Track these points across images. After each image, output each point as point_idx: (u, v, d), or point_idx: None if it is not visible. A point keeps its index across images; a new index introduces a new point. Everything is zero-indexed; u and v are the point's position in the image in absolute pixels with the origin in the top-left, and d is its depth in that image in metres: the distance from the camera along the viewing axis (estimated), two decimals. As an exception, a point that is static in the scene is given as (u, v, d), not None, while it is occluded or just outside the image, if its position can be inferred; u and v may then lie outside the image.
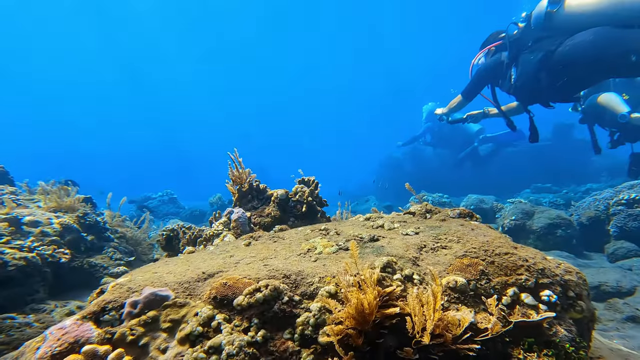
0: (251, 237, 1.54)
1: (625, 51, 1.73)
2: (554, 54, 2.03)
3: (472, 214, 1.41)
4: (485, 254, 1.04)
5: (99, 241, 2.36)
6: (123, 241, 2.72)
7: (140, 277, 1.13)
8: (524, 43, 2.27)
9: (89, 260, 2.13)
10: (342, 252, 1.25)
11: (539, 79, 2.17)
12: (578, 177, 8.04)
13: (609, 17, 1.81)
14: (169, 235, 1.69)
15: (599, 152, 3.19)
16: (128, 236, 2.74)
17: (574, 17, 1.95)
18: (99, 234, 2.38)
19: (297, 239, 1.47)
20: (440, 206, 6.04)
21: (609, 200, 4.01)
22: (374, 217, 1.65)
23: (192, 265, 1.24)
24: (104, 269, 2.26)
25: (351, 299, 0.84)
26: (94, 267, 2.17)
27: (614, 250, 3.49)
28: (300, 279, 1.07)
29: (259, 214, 1.81)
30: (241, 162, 1.81)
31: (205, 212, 8.63)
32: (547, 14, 2.04)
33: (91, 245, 2.27)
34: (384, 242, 1.30)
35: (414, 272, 1.04)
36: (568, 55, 1.96)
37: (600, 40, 1.82)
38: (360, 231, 1.44)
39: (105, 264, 2.27)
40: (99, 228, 2.36)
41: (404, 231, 1.36)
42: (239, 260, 1.27)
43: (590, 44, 1.86)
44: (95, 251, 2.29)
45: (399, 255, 1.14)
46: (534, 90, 2.27)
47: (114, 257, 2.38)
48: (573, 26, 1.98)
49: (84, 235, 2.18)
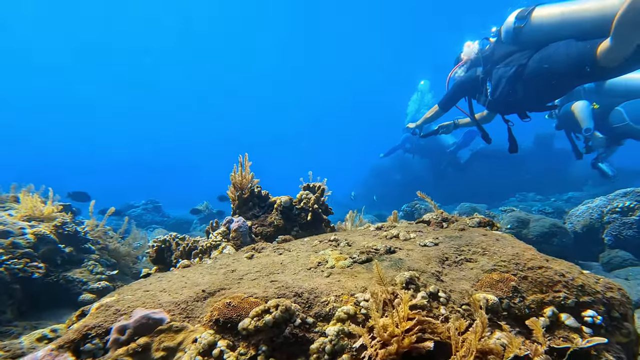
0: (253, 249, 1.45)
1: (580, 62, 1.88)
2: (525, 67, 2.19)
3: (493, 222, 1.37)
4: (517, 268, 0.99)
5: (78, 253, 2.19)
6: (105, 253, 2.55)
7: (130, 296, 1.01)
8: (496, 58, 2.43)
9: (65, 275, 1.96)
10: (357, 266, 1.17)
11: (514, 92, 2.32)
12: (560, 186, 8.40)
13: (572, 30, 1.97)
14: (160, 247, 1.57)
15: (580, 157, 3.33)
16: (111, 248, 2.57)
17: (541, 31, 2.11)
18: (79, 245, 2.21)
19: (305, 251, 1.39)
20: None
21: (602, 208, 4.09)
22: (386, 227, 1.58)
23: (189, 281, 1.13)
24: (83, 284, 2.09)
25: (380, 327, 0.76)
26: (72, 283, 2.00)
27: (609, 259, 3.52)
28: (314, 297, 0.99)
29: (261, 223, 1.72)
30: (247, 167, 1.73)
31: (191, 221, 8.47)
32: (515, 30, 2.19)
33: (69, 257, 2.10)
34: (401, 254, 1.23)
35: (439, 288, 0.97)
36: (537, 69, 2.13)
37: (560, 54, 1.99)
38: (374, 242, 1.37)
39: (84, 279, 2.09)
40: (79, 239, 2.20)
41: (422, 242, 1.30)
42: (242, 275, 1.17)
43: (554, 57, 2.03)
44: (73, 264, 2.12)
45: (420, 270, 1.08)
46: (509, 102, 2.41)
47: (95, 271, 2.21)
48: (540, 39, 2.14)
49: (61, 246, 2.02)
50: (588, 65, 1.85)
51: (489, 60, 2.48)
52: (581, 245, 4.01)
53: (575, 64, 1.91)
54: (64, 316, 1.77)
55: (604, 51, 1.75)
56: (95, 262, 2.27)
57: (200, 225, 8.10)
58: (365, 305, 0.91)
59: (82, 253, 2.24)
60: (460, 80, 2.70)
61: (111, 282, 2.25)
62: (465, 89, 2.68)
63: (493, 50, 2.46)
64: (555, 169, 8.57)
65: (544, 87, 2.18)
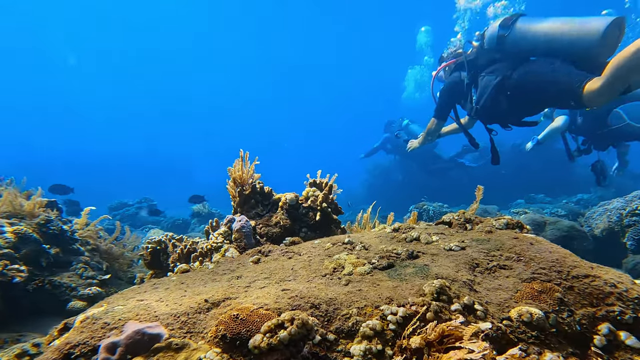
0: (260, 252, 1.34)
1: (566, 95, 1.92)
2: (510, 79, 2.21)
3: (522, 224, 1.29)
4: (559, 276, 0.90)
5: (65, 255, 2.06)
6: (96, 255, 2.42)
7: (121, 306, 0.90)
8: (481, 63, 2.46)
9: (52, 279, 1.83)
10: (378, 273, 1.07)
11: (497, 102, 2.34)
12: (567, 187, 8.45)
13: (553, 47, 2.02)
14: (155, 249, 1.46)
15: (572, 159, 3.44)
16: (102, 249, 2.44)
17: (524, 42, 2.14)
18: (66, 246, 2.08)
19: (317, 255, 1.28)
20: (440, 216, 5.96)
21: (621, 210, 4.01)
22: (403, 228, 1.49)
23: (190, 289, 1.02)
24: (72, 289, 1.96)
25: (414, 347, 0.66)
26: (59, 288, 1.88)
27: (634, 266, 3.43)
28: (333, 309, 0.89)
29: (265, 222, 1.61)
30: (247, 161, 1.62)
31: (188, 222, 8.34)
32: (499, 37, 2.24)
33: (55, 259, 1.97)
34: (426, 259, 1.14)
35: (475, 300, 0.87)
36: (521, 84, 2.16)
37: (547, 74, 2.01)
38: (393, 245, 1.27)
39: (73, 284, 1.97)
40: (66, 239, 2.07)
41: (447, 245, 1.21)
42: (250, 282, 1.07)
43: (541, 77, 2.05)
44: (60, 267, 1.99)
45: (450, 278, 0.98)
46: (493, 112, 2.44)
47: (85, 275, 2.09)
48: (522, 51, 2.19)
49: (45, 247, 1.89)
50: (572, 100, 1.88)
51: (473, 65, 2.49)
52: (602, 250, 3.93)
53: (561, 94, 1.93)
54: (50, 327, 1.65)
55: (591, 93, 1.77)
56: (86, 265, 2.15)
57: (199, 225, 7.96)
58: (394, 319, 0.82)
59: (71, 255, 2.11)
60: (447, 85, 2.71)
61: (103, 288, 2.13)
62: (453, 93, 2.67)
63: (477, 55, 2.48)
64: (561, 170, 8.59)
65: (526, 103, 2.22)
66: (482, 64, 2.42)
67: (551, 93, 2.00)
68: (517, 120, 2.48)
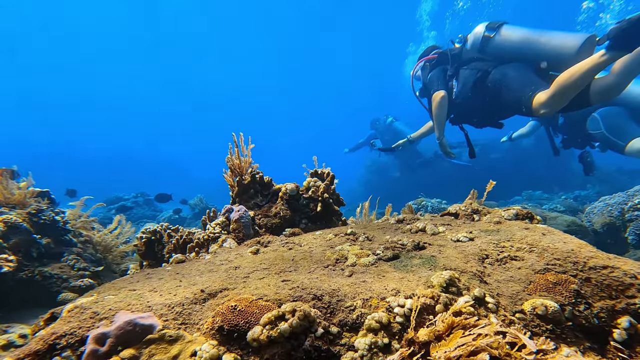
0: (258, 243, 1.30)
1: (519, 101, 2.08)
2: (489, 75, 2.35)
3: (532, 214, 1.25)
4: (575, 267, 0.86)
5: (57, 246, 2.02)
6: (89, 246, 2.38)
7: (112, 296, 0.86)
8: (463, 59, 2.59)
9: (42, 270, 1.79)
10: (383, 264, 1.04)
11: (474, 97, 2.46)
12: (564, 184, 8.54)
13: (532, 55, 2.17)
14: (149, 239, 1.41)
15: (557, 153, 3.54)
16: (95, 240, 2.40)
17: (506, 45, 2.30)
18: (58, 237, 2.03)
19: (319, 246, 1.25)
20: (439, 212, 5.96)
21: (622, 205, 4.00)
22: (408, 219, 1.45)
23: (186, 280, 0.98)
24: (63, 281, 1.92)
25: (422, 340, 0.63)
26: (50, 279, 1.84)
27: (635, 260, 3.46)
28: (337, 301, 0.85)
29: (265, 213, 1.56)
30: (244, 148, 1.56)
31: (185, 216, 8.32)
32: (484, 38, 2.38)
33: (46, 250, 1.93)
34: (432, 250, 1.10)
35: (485, 292, 0.84)
36: (496, 82, 2.29)
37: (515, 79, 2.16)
38: (398, 236, 1.24)
39: (64, 275, 1.93)
40: (58, 229, 2.02)
41: (454, 236, 1.17)
42: (248, 273, 1.03)
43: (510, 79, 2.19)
44: (52, 258, 1.95)
45: (459, 269, 0.94)
46: (471, 105, 2.55)
47: (77, 266, 2.05)
48: (504, 53, 2.33)
49: (36, 237, 1.84)
50: (524, 107, 2.05)
51: (457, 59, 2.60)
52: (602, 245, 3.95)
53: (516, 101, 2.10)
54: (41, 316, 1.62)
55: (538, 104, 1.95)
56: (78, 256, 2.11)
57: (195, 220, 7.93)
58: (401, 312, 0.78)
59: (63, 246, 2.06)
60: (435, 72, 2.77)
61: (96, 280, 2.09)
62: (440, 79, 2.72)
63: (461, 51, 2.61)
64: (558, 167, 8.67)
65: (496, 102, 2.33)
66: (465, 60, 2.55)
67: (509, 98, 2.15)
68: (490, 117, 2.57)
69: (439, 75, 2.70)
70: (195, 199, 8.41)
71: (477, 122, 2.71)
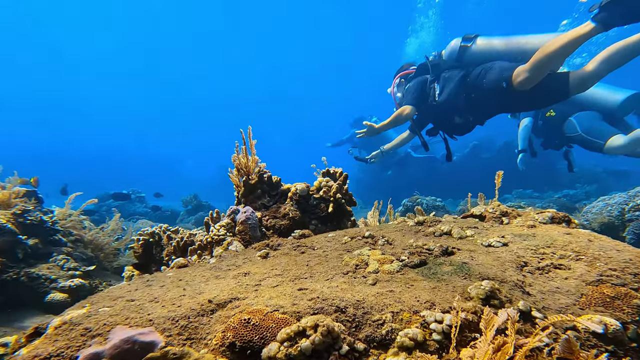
0: (267, 246, 1.23)
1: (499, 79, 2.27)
2: (469, 74, 2.54)
3: (570, 218, 1.18)
4: (637, 280, 0.79)
5: (45, 246, 1.94)
6: (80, 245, 2.30)
7: (108, 308, 0.79)
8: (442, 68, 2.80)
9: (29, 272, 1.72)
10: (410, 271, 0.97)
11: (456, 97, 2.62)
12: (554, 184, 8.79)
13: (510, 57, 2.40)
14: (147, 241, 1.34)
15: (534, 155, 3.87)
16: (87, 239, 2.32)
17: (484, 52, 2.54)
18: (46, 237, 1.96)
19: (335, 250, 1.18)
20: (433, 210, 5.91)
21: (623, 205, 4.01)
22: (429, 221, 1.38)
23: (190, 287, 0.91)
24: (52, 281, 1.85)
25: None
26: (37, 280, 1.77)
27: None
28: (362, 314, 0.78)
29: (272, 214, 1.49)
30: (253, 146, 1.48)
31: (177, 213, 8.33)
32: (461, 48, 2.61)
33: (34, 251, 1.85)
34: (462, 256, 1.03)
35: (531, 305, 0.77)
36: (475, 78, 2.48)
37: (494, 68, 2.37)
38: (422, 240, 1.17)
39: (53, 276, 1.86)
40: (46, 229, 1.94)
41: (484, 241, 1.10)
42: (260, 280, 0.96)
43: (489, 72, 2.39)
44: (39, 259, 1.88)
45: (497, 278, 0.88)
46: (453, 106, 2.68)
47: (67, 266, 1.98)
48: (480, 60, 2.55)
49: (22, 238, 1.77)
50: (505, 82, 2.22)
51: (437, 68, 2.81)
52: None
53: (496, 80, 2.29)
54: (26, 321, 1.55)
55: (519, 72, 2.15)
56: (68, 256, 2.04)
57: (188, 217, 7.87)
58: (439, 328, 0.71)
59: (51, 246, 1.99)
60: (415, 82, 2.93)
61: (87, 280, 2.02)
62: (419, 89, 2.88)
63: (439, 62, 2.81)
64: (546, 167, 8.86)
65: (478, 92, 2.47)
66: (444, 68, 2.77)
67: (490, 81, 2.31)
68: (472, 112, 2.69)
69: (415, 87, 2.89)
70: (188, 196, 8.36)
71: (458, 125, 2.84)
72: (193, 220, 7.39)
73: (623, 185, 8.81)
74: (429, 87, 2.81)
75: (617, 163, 8.75)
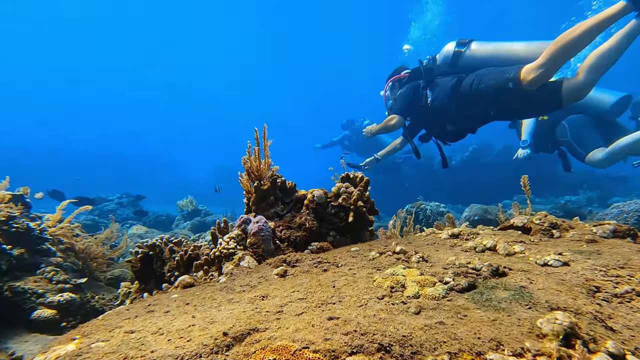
0: (284, 262, 1.12)
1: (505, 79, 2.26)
2: (463, 80, 2.56)
3: (635, 231, 1.06)
4: None
5: (32, 256, 1.84)
6: (71, 255, 2.20)
7: (102, 343, 0.68)
8: (436, 73, 2.83)
9: (13, 285, 1.61)
10: (458, 297, 0.85)
11: (449, 103, 2.64)
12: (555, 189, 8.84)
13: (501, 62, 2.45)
14: (146, 254, 1.23)
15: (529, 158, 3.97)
16: (78, 248, 2.22)
17: (477, 58, 2.59)
18: (33, 246, 1.86)
19: (362, 268, 1.06)
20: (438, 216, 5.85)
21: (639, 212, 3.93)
22: (465, 234, 1.26)
23: (200, 314, 0.80)
24: (38, 296, 1.75)
25: None
26: (22, 294, 1.66)
27: None
28: (411, 354, 0.66)
29: (287, 224, 1.38)
30: (267, 147, 1.38)
31: (173, 218, 8.24)
32: (455, 53, 2.66)
33: (19, 262, 1.75)
34: (517, 278, 0.91)
35: (623, 348, 0.65)
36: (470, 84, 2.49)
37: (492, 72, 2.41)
38: (464, 257, 1.05)
39: (39, 289, 1.75)
40: (33, 238, 1.84)
41: (538, 259, 0.99)
42: (281, 305, 0.85)
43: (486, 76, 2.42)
44: (26, 271, 1.77)
45: (570, 308, 0.76)
46: (446, 113, 2.71)
47: (55, 279, 1.87)
48: (475, 66, 2.59)
49: (5, 248, 1.66)
50: (511, 82, 2.20)
51: (429, 72, 2.82)
52: None
53: (498, 82, 2.29)
54: (9, 341, 1.44)
55: (529, 69, 2.12)
56: (57, 267, 1.93)
57: (184, 222, 7.77)
58: (514, 375, 0.59)
59: (39, 256, 1.89)
60: (407, 88, 2.96)
61: (78, 294, 1.91)
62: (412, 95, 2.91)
63: (432, 67, 2.83)
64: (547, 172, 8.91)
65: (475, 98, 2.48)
66: (438, 73, 2.80)
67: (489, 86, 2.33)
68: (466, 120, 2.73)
69: (407, 94, 2.92)
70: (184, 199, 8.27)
71: (450, 132, 2.88)
72: (189, 225, 7.28)
73: (623, 190, 8.99)
74: (421, 93, 2.84)
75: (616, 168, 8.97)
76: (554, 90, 2.14)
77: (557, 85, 2.14)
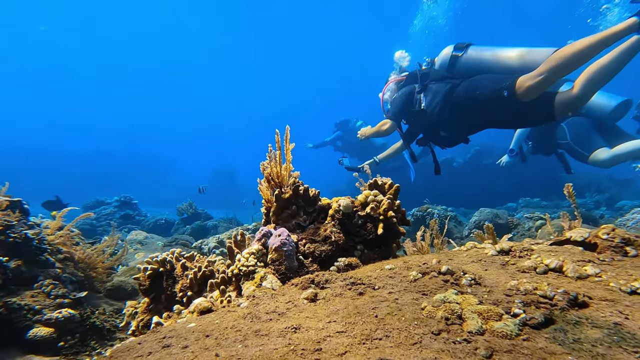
0: (312, 283, 1.01)
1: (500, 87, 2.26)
2: (458, 87, 2.57)
3: None
4: None
5: (29, 268, 1.76)
6: (70, 265, 2.12)
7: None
8: (432, 78, 2.86)
9: (9, 302, 1.53)
10: (536, 335, 0.72)
11: (443, 110, 2.66)
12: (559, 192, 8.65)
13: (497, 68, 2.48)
14: (156, 271, 1.13)
15: (524, 160, 4.19)
16: (78, 257, 2.14)
17: (473, 63, 2.62)
18: (31, 257, 1.79)
19: (405, 291, 0.94)
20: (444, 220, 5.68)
21: None
22: (518, 250, 1.14)
23: (224, 352, 0.69)
24: (36, 312, 1.66)
25: None
26: (17, 311, 1.57)
27: None
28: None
29: (310, 237, 1.27)
30: (289, 151, 1.28)
31: (172, 222, 8.20)
32: (452, 57, 2.70)
33: (16, 275, 1.67)
34: (605, 311, 0.78)
35: None
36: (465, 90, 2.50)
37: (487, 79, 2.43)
38: (528, 281, 0.92)
39: (37, 306, 1.67)
40: (32, 248, 1.77)
41: (623, 285, 0.85)
42: (318, 341, 0.73)
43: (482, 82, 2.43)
44: (22, 284, 1.70)
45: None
46: (439, 120, 2.73)
47: (54, 293, 1.79)
48: (471, 71, 2.62)
49: (2, 260, 1.59)
50: (506, 90, 2.19)
51: (425, 77, 2.86)
52: None
53: (493, 91, 2.29)
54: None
55: (525, 79, 2.11)
56: (56, 279, 1.85)
57: (184, 226, 7.72)
58: None
59: (37, 267, 1.81)
60: (402, 92, 2.99)
61: (77, 309, 1.83)
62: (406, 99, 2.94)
63: (429, 71, 2.88)
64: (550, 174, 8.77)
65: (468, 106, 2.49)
66: (434, 78, 2.81)
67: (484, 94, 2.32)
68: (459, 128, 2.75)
69: (401, 99, 2.96)
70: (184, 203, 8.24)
71: (444, 138, 2.92)
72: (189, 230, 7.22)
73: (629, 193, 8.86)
74: (415, 97, 2.88)
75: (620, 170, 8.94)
76: (546, 102, 2.11)
77: (551, 98, 2.10)
